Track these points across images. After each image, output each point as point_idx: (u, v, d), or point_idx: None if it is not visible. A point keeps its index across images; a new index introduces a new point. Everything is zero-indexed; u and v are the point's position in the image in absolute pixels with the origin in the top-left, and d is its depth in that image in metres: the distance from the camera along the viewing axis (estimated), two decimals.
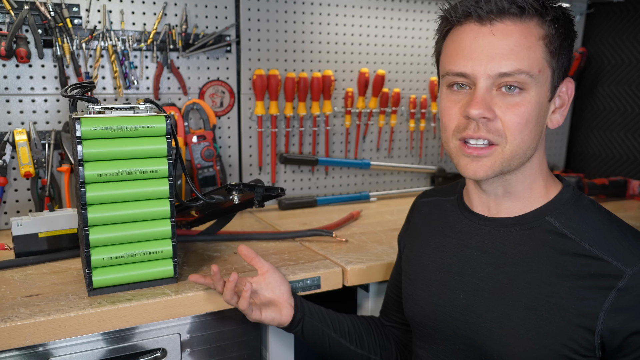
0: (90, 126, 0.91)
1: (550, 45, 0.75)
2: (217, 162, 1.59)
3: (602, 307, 0.72)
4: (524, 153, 0.77)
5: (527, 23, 0.74)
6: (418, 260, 0.94)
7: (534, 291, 0.77)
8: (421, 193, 1.07)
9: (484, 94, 0.74)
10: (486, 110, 0.74)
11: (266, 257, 1.21)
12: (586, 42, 2.21)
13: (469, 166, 0.78)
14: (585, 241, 0.76)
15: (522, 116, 0.74)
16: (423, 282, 0.91)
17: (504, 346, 0.77)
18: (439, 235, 0.93)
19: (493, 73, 0.74)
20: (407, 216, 1.08)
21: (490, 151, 0.76)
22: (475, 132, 0.76)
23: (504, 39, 0.73)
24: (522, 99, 0.74)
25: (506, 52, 0.73)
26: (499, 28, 0.73)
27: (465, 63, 0.75)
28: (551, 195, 0.83)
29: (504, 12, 0.73)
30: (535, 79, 0.74)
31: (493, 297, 0.80)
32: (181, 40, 1.53)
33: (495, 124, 0.75)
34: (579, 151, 2.28)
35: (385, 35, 1.84)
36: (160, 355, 1.04)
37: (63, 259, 1.16)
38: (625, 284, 0.71)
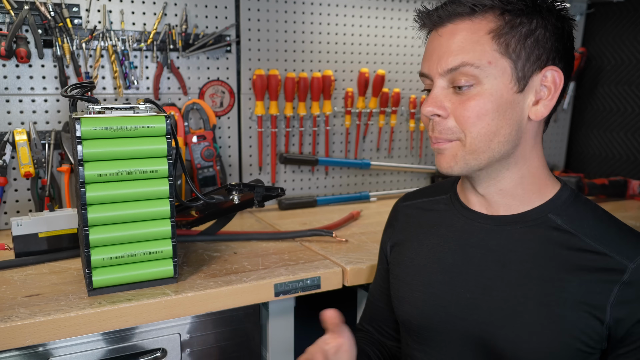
0: (90, 126, 0.91)
1: (501, 36, 0.75)
2: (217, 162, 1.59)
3: (609, 300, 0.74)
4: (487, 147, 0.78)
5: (476, 19, 0.76)
6: (412, 262, 0.92)
7: (544, 287, 0.77)
8: (402, 197, 1.05)
9: (438, 92, 0.79)
10: (436, 107, 0.79)
11: (266, 257, 1.21)
12: (586, 42, 2.21)
13: (438, 160, 0.83)
14: (587, 237, 0.78)
15: (472, 110, 0.77)
16: (421, 284, 0.89)
17: (518, 343, 0.78)
18: (434, 236, 0.91)
19: (442, 70, 0.78)
20: (389, 221, 1.04)
21: (451, 144, 0.80)
22: (432, 132, 0.82)
23: (451, 38, 0.78)
24: (474, 93, 0.77)
25: (453, 49, 0.77)
26: (448, 29, 0.78)
27: (425, 64, 0.82)
28: (549, 194, 0.83)
29: (452, 14, 0.78)
30: (485, 70, 0.75)
31: (503, 295, 0.80)
32: (181, 40, 1.53)
33: (448, 122, 0.79)
34: (579, 151, 2.28)
35: (385, 35, 1.84)
36: (160, 355, 1.04)
37: (63, 259, 1.16)
38: (628, 277, 0.73)
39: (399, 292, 0.93)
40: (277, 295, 1.09)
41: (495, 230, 0.84)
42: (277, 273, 1.11)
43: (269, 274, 1.10)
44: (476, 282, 0.83)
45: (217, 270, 1.11)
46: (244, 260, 1.18)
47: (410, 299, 0.90)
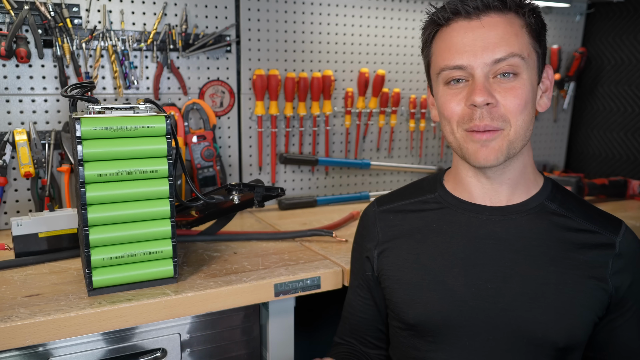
0: (90, 126, 0.91)
1: (533, 32, 0.82)
2: (217, 162, 1.59)
3: (608, 272, 0.83)
4: (525, 134, 0.83)
5: (509, 15, 0.81)
6: (417, 263, 0.90)
7: (559, 267, 0.83)
8: (374, 203, 1.02)
9: (483, 81, 0.80)
10: (489, 96, 0.79)
11: (266, 257, 1.21)
12: (586, 42, 2.21)
13: (479, 152, 0.82)
14: (579, 218, 0.87)
15: (521, 98, 0.80)
16: (433, 283, 0.88)
17: (545, 323, 0.82)
18: (437, 234, 0.90)
19: (489, 61, 0.79)
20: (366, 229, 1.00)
21: (497, 134, 0.81)
22: (481, 121, 0.80)
23: (493, 30, 0.80)
24: (518, 82, 0.80)
25: (497, 40, 0.79)
26: (486, 21, 0.80)
27: (461, 56, 0.81)
28: (540, 183, 0.91)
29: (489, 6, 0.80)
30: (526, 62, 0.81)
31: (524, 280, 0.84)
32: (181, 40, 1.53)
33: (499, 109, 0.80)
34: (579, 151, 2.28)
35: (385, 35, 1.84)
36: (160, 355, 1.04)
37: (63, 259, 1.16)
38: (618, 250, 0.84)
39: (407, 295, 0.90)
40: (277, 295, 1.09)
41: (503, 220, 0.88)
42: (277, 273, 1.11)
43: (269, 274, 1.10)
44: (494, 272, 0.85)
45: (217, 270, 1.11)
46: (244, 260, 1.18)
47: (423, 300, 0.88)
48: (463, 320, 0.85)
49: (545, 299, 0.82)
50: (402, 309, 0.91)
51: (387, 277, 0.94)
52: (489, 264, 0.86)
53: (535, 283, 0.83)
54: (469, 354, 0.86)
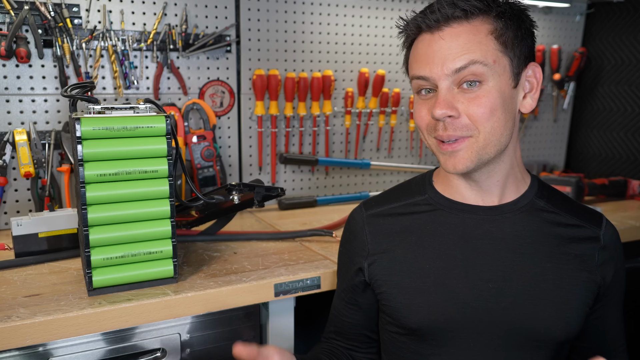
0: (90, 126, 0.91)
1: (501, 37, 0.80)
2: (217, 162, 1.59)
3: (596, 263, 0.87)
4: (499, 140, 0.82)
5: (473, 22, 0.80)
6: (415, 266, 0.89)
7: (554, 262, 0.86)
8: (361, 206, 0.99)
9: (445, 94, 0.80)
10: (448, 109, 0.80)
11: (266, 257, 1.21)
12: (586, 42, 2.21)
13: (448, 162, 0.84)
14: (566, 213, 0.90)
15: (485, 106, 0.80)
16: (435, 286, 0.87)
17: (547, 318, 0.84)
18: (432, 236, 0.89)
19: (449, 71, 0.79)
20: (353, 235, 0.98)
21: (464, 144, 0.82)
22: (444, 131, 0.82)
23: (453, 40, 0.80)
24: (482, 90, 0.80)
25: (458, 51, 0.79)
26: (447, 32, 0.81)
27: (424, 67, 0.82)
28: (528, 181, 0.92)
29: (450, 18, 0.80)
30: (491, 68, 0.79)
31: (524, 278, 0.85)
32: (181, 40, 1.53)
33: (462, 120, 0.80)
34: (579, 151, 2.28)
35: (385, 35, 1.84)
36: (160, 355, 1.04)
37: (63, 259, 1.16)
38: (603, 242, 0.88)
39: (407, 299, 0.88)
40: (277, 295, 1.09)
41: (498, 220, 0.88)
42: (277, 273, 1.11)
43: (269, 274, 1.10)
44: (494, 271, 0.86)
45: (217, 270, 1.11)
46: (244, 260, 1.18)
47: (424, 304, 0.87)
48: (466, 322, 0.85)
49: (545, 295, 0.84)
50: (403, 314, 0.89)
51: (382, 283, 0.91)
52: (489, 264, 0.86)
53: (534, 280, 0.85)
54: (474, 355, 0.86)
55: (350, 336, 1.01)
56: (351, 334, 1.01)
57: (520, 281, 0.85)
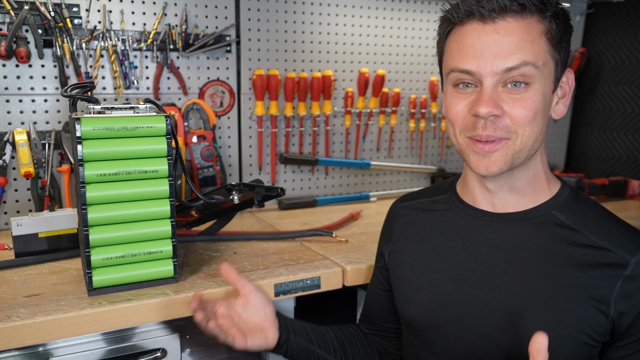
0: (90, 126, 0.91)
1: (552, 39, 0.77)
2: (217, 162, 1.59)
3: (613, 294, 0.75)
4: (532, 145, 0.79)
5: (528, 19, 0.76)
6: (416, 262, 0.92)
7: (550, 282, 0.79)
8: (399, 198, 1.04)
9: (491, 91, 0.76)
10: (494, 107, 0.75)
11: (266, 257, 1.21)
12: (586, 42, 2.21)
13: (481, 163, 0.79)
14: (590, 233, 0.80)
15: (530, 109, 0.76)
16: (427, 283, 0.89)
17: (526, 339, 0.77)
18: (438, 235, 0.91)
19: (499, 69, 0.75)
20: (387, 223, 1.04)
21: (501, 145, 0.78)
22: (483, 131, 0.77)
23: (507, 36, 0.75)
24: (529, 92, 0.76)
25: (511, 48, 0.74)
26: (501, 26, 0.75)
27: (471, 61, 0.76)
28: (553, 191, 0.85)
29: (506, 9, 0.75)
30: (540, 71, 0.76)
31: (510, 292, 0.81)
32: (181, 40, 1.53)
33: (503, 120, 0.77)
34: (579, 151, 2.28)
35: (385, 35, 1.84)
36: (160, 355, 1.04)
37: (63, 259, 1.16)
38: (631, 272, 0.75)
39: (404, 292, 0.92)
40: (277, 295, 1.09)
41: (501, 228, 0.85)
42: (277, 273, 1.11)
43: (269, 274, 1.10)
44: (483, 280, 0.83)
45: (217, 270, 1.11)
46: (244, 260, 1.18)
47: (416, 298, 0.90)
48: (449, 324, 0.86)
49: (529, 314, 0.79)
50: (400, 305, 0.94)
51: (392, 273, 0.97)
52: (480, 270, 0.84)
53: (521, 296, 0.80)
54: (454, 357, 0.86)
55: (373, 320, 1.05)
56: (374, 319, 1.05)
57: (507, 294, 0.81)
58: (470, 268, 0.85)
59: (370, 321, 1.07)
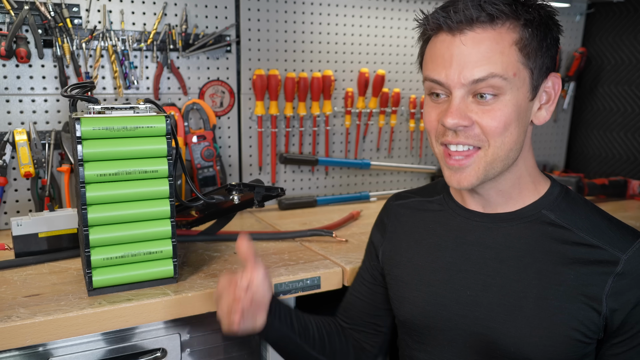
0: (90, 126, 0.91)
1: (525, 48, 0.75)
2: (217, 162, 1.59)
3: (604, 292, 0.76)
4: (507, 155, 0.79)
5: (499, 29, 0.74)
6: (410, 262, 0.92)
7: (542, 281, 0.79)
8: (393, 195, 1.05)
9: (459, 103, 0.76)
10: (461, 118, 0.76)
11: (266, 257, 1.21)
12: (586, 42, 2.21)
13: (453, 177, 0.81)
14: (580, 231, 0.80)
15: (499, 120, 0.76)
16: (421, 283, 0.90)
17: (520, 338, 0.79)
18: (431, 235, 0.92)
19: (466, 81, 0.75)
20: (381, 219, 1.04)
21: (472, 159, 0.78)
22: (454, 138, 0.78)
23: (475, 47, 0.74)
24: (498, 104, 0.75)
25: (478, 59, 0.74)
26: (469, 37, 0.74)
27: (440, 71, 0.77)
28: (542, 191, 0.86)
29: (474, 20, 0.74)
30: (510, 82, 0.75)
31: (503, 291, 0.81)
32: (181, 40, 1.53)
33: (474, 129, 0.77)
34: (579, 151, 2.28)
35: (385, 35, 1.84)
36: (160, 355, 1.04)
37: (63, 259, 1.16)
38: (621, 268, 0.76)
39: (399, 292, 0.93)
40: (277, 295, 1.09)
41: (492, 228, 0.85)
42: (277, 273, 1.11)
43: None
44: (475, 280, 0.84)
45: (217, 270, 1.11)
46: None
47: (410, 298, 0.91)
48: (442, 324, 0.86)
49: (521, 313, 0.79)
50: (395, 305, 0.95)
51: (387, 272, 0.97)
52: (472, 270, 0.85)
53: (513, 295, 0.80)
54: (448, 357, 0.87)
55: (354, 314, 1.05)
56: (355, 313, 1.05)
57: (499, 293, 0.81)
58: (462, 268, 0.86)
59: (350, 315, 1.06)
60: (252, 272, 0.87)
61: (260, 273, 0.87)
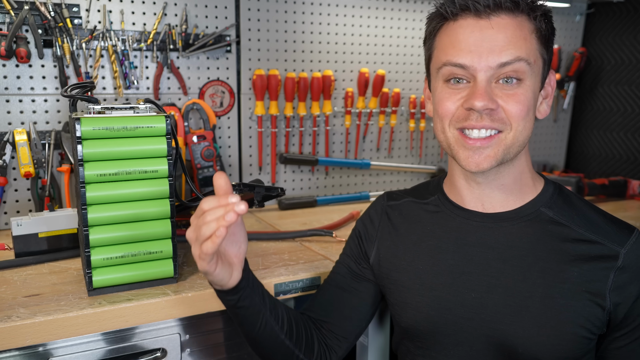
0: (90, 126, 0.91)
1: (541, 37, 0.79)
2: (217, 162, 1.59)
3: (607, 286, 0.77)
4: (523, 141, 0.80)
5: (520, 18, 0.77)
6: (411, 265, 0.90)
7: (547, 280, 0.79)
8: (384, 195, 1.01)
9: (485, 86, 0.77)
10: (489, 101, 0.76)
11: (266, 257, 1.21)
12: (586, 42, 2.21)
13: (471, 159, 0.79)
14: (579, 227, 0.81)
15: (523, 104, 0.77)
16: (423, 288, 0.88)
17: (527, 338, 0.79)
18: (430, 237, 0.90)
19: (494, 64, 0.76)
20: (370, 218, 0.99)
21: (493, 141, 0.78)
22: (478, 122, 0.77)
23: (501, 32, 0.76)
24: (521, 88, 0.78)
25: (505, 44, 0.76)
26: (496, 22, 0.76)
27: (465, 55, 0.77)
28: (538, 189, 0.86)
29: (500, 6, 0.76)
30: (532, 68, 0.78)
31: (508, 292, 0.81)
32: (181, 40, 1.53)
33: (499, 113, 0.78)
34: (579, 151, 2.28)
35: (385, 35, 1.84)
36: (160, 355, 1.04)
37: (63, 259, 1.16)
38: (622, 262, 0.77)
39: (400, 298, 0.90)
40: (277, 295, 1.09)
41: (493, 228, 0.85)
42: (277, 273, 1.11)
43: (269, 274, 1.10)
44: (479, 281, 0.83)
45: None
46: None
47: (413, 304, 0.88)
48: (447, 329, 0.85)
49: (528, 312, 0.79)
50: (397, 311, 0.92)
51: (385, 277, 0.93)
52: (476, 272, 0.84)
53: (519, 295, 0.80)
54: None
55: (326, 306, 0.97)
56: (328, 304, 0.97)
57: (504, 294, 0.81)
58: (465, 270, 0.84)
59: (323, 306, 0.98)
60: None
61: None
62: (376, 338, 1.19)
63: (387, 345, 1.21)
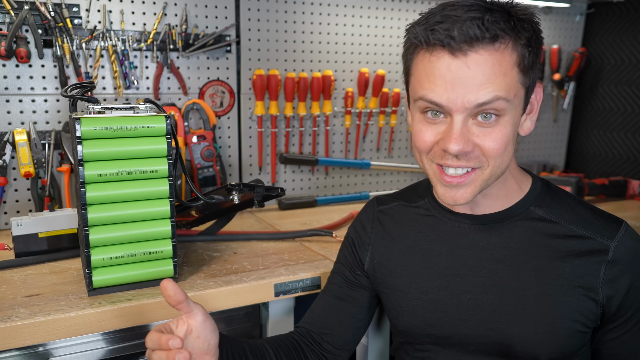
0: (90, 126, 0.91)
1: (525, 67, 0.74)
2: (217, 162, 1.59)
3: (599, 280, 0.78)
4: (502, 171, 0.79)
5: (501, 50, 0.71)
6: (405, 269, 0.90)
7: (540, 277, 0.80)
8: (373, 200, 1.00)
9: (461, 127, 0.73)
10: (465, 144, 0.73)
11: (266, 257, 1.21)
12: (586, 42, 2.21)
13: (448, 194, 0.79)
14: (568, 223, 0.82)
15: (500, 141, 0.74)
16: (418, 291, 0.88)
17: (524, 336, 0.79)
18: (423, 241, 0.90)
19: (470, 105, 0.72)
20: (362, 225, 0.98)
21: (470, 177, 0.77)
22: (454, 162, 0.76)
23: (479, 70, 0.70)
24: (499, 125, 0.74)
25: (482, 82, 0.71)
26: (472, 59, 0.70)
27: (441, 94, 0.73)
28: (526, 189, 0.86)
29: (477, 40, 0.70)
30: (511, 103, 0.73)
31: (503, 291, 0.81)
32: (181, 40, 1.53)
33: (475, 152, 0.75)
34: (579, 151, 2.28)
35: (385, 35, 1.84)
36: None
37: (63, 259, 1.16)
38: (612, 256, 0.78)
39: (396, 302, 0.91)
40: (277, 295, 1.09)
41: (484, 229, 0.85)
42: (277, 273, 1.11)
43: (269, 274, 1.10)
44: (474, 283, 0.83)
45: (217, 270, 1.11)
46: (244, 260, 1.18)
47: (409, 307, 0.89)
48: (444, 331, 0.85)
49: (524, 311, 0.79)
50: (393, 315, 0.92)
51: (380, 282, 0.93)
52: (470, 274, 0.84)
53: (514, 294, 0.80)
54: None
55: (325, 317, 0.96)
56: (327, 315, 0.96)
57: (499, 294, 0.81)
58: (460, 272, 0.85)
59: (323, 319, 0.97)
60: (188, 320, 0.75)
61: (197, 318, 0.75)
62: (376, 339, 1.19)
63: (386, 346, 1.21)
